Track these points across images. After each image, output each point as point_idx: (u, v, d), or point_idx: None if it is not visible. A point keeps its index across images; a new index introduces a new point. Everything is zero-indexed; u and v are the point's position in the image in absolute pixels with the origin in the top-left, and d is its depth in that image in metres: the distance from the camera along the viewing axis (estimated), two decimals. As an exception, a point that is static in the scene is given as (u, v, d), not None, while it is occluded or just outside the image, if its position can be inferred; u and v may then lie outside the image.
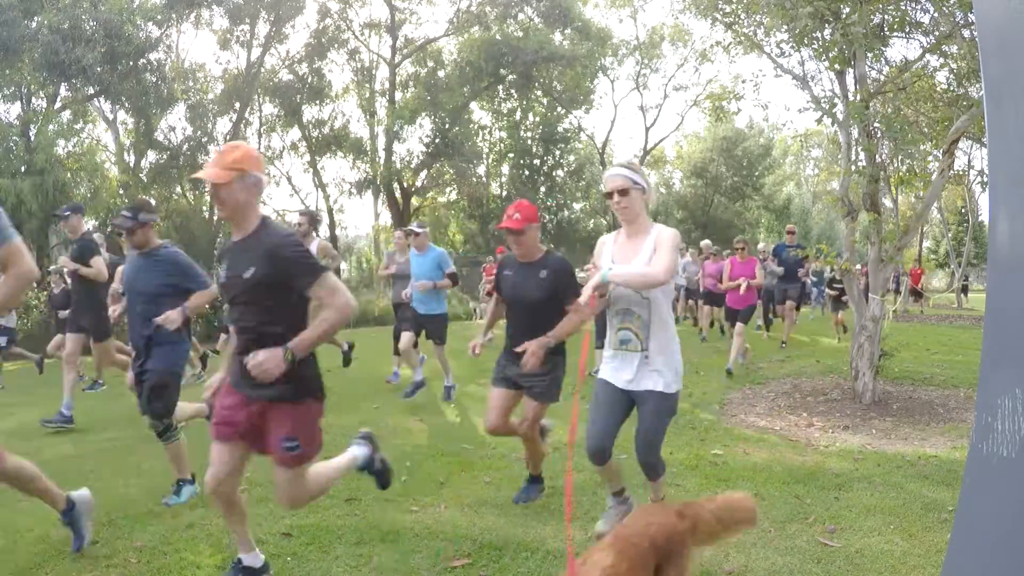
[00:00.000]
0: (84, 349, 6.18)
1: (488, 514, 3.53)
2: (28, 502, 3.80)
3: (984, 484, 1.15)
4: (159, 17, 16.43)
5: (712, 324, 11.38)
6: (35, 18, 14.11)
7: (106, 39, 14.55)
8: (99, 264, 5.75)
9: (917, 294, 19.90)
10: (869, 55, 6.23)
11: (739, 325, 7.73)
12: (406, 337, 6.47)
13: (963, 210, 27.53)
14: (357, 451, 3.15)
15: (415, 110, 21.66)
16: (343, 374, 7.74)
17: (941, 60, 6.32)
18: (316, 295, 2.44)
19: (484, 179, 25.07)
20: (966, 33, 5.54)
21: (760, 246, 12.48)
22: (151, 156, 18.57)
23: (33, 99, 15.58)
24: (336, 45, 21.72)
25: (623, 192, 2.89)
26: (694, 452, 4.62)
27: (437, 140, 22.04)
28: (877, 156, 6.20)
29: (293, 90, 20.84)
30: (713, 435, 5.10)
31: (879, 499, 3.59)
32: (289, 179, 24.38)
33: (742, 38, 7.46)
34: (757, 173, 29.47)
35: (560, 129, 25.64)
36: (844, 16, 5.68)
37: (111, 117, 18.57)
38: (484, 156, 25.27)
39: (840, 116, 6.22)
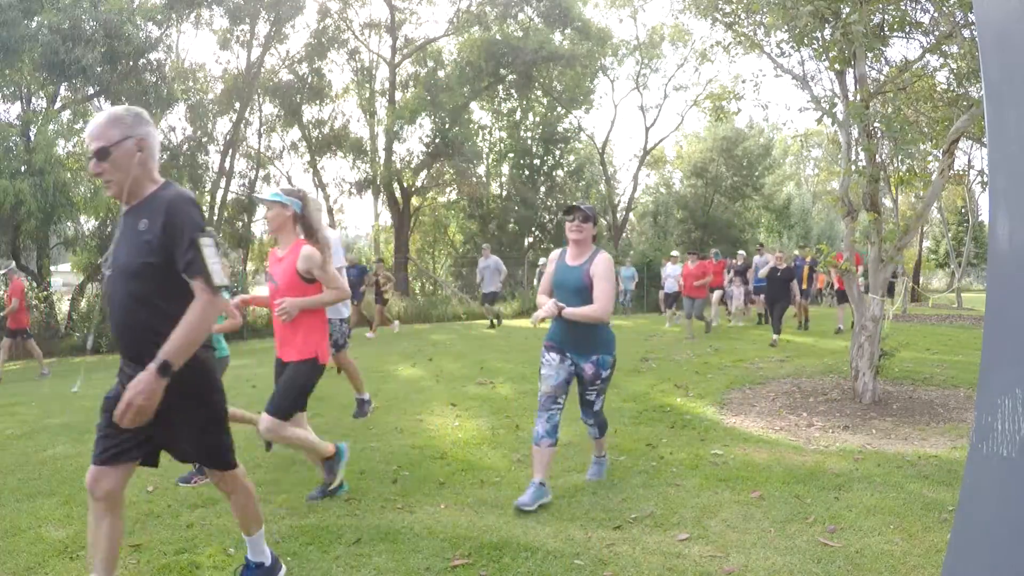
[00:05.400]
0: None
1: (488, 514, 3.53)
2: (29, 502, 3.81)
3: (984, 484, 1.15)
4: (159, 17, 16.41)
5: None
6: (35, 18, 14.09)
7: (106, 39, 14.54)
8: None
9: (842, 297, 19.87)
10: (869, 55, 6.23)
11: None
12: None
13: (963, 210, 27.49)
14: None
15: (415, 110, 21.65)
16: (342, 376, 7.74)
17: (941, 60, 6.31)
18: None
19: (484, 179, 25.06)
20: (966, 33, 5.53)
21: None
22: (151, 156, 18.56)
23: (33, 99, 15.57)
24: (336, 45, 21.73)
25: None
26: (694, 452, 4.62)
27: (437, 140, 22.03)
28: (877, 156, 6.20)
29: (293, 90, 20.84)
30: (713, 435, 5.10)
31: (879, 499, 3.59)
32: (289, 179, 24.37)
33: (742, 38, 7.45)
34: (757, 173, 29.43)
35: (560, 129, 25.63)
36: (844, 16, 5.68)
37: (111, 117, 18.57)
38: (484, 156, 25.26)
39: (840, 116, 6.21)
